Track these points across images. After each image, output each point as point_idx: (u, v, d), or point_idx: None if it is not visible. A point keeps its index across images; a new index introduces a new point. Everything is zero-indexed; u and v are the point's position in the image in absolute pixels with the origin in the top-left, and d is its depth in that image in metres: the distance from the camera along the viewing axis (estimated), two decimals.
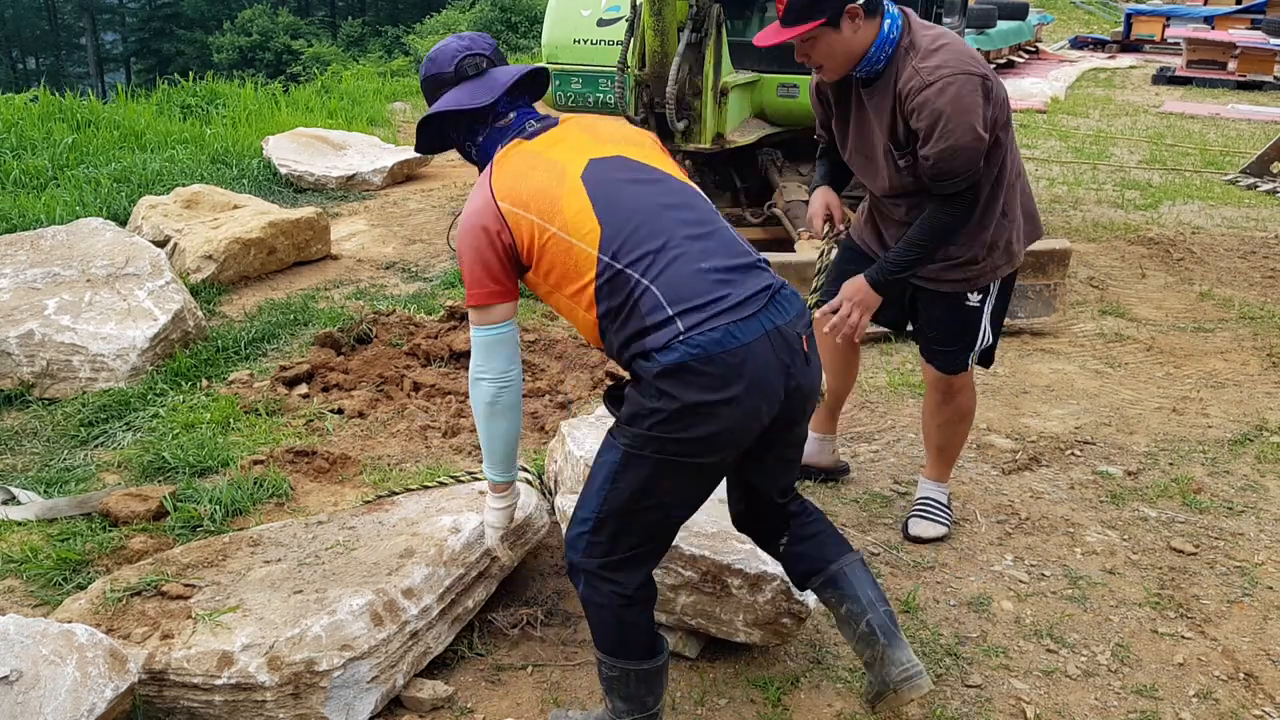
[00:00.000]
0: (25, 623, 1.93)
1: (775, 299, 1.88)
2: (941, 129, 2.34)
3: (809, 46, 2.40)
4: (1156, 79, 13.74)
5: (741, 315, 1.82)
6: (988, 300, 2.70)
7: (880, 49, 2.42)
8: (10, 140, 6.79)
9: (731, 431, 1.82)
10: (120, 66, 38.11)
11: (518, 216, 1.89)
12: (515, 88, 2.06)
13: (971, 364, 2.78)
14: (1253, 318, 4.81)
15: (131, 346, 3.78)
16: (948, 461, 2.96)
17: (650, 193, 1.92)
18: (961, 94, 2.34)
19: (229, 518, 2.90)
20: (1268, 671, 2.41)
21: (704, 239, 1.89)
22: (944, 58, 2.38)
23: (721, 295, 1.82)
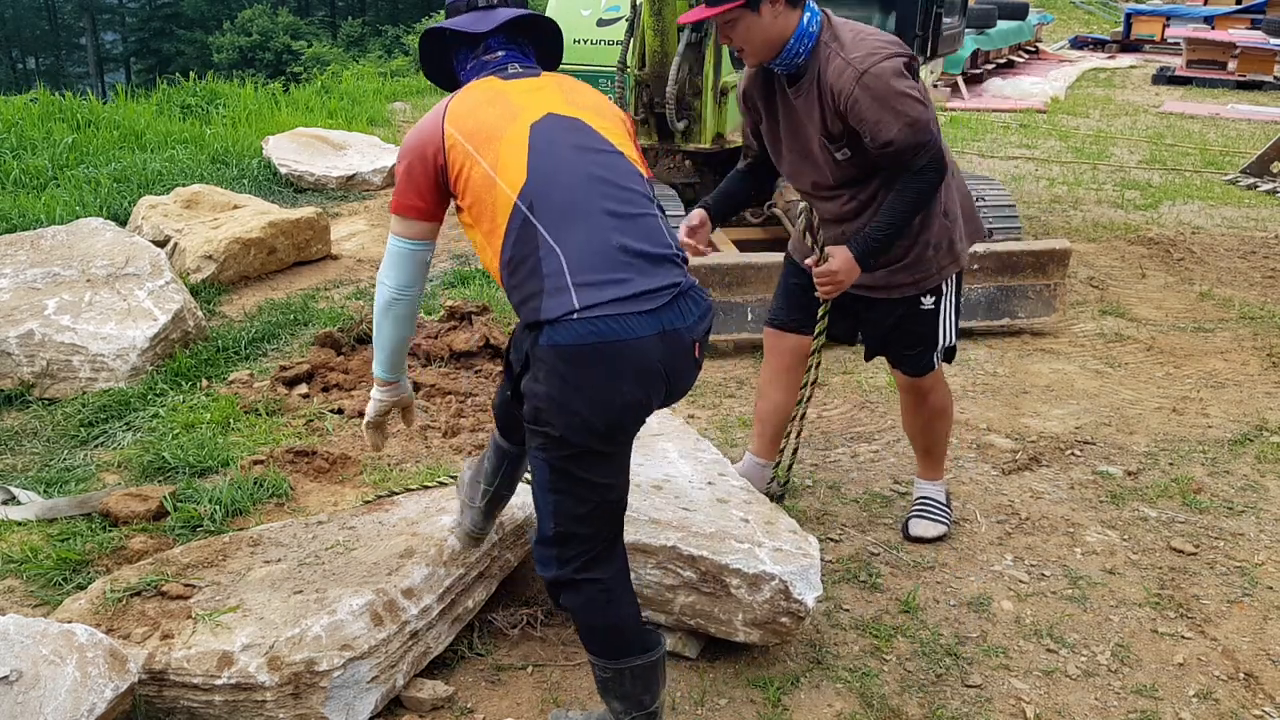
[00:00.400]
0: (25, 623, 1.93)
1: (680, 299, 1.89)
2: (892, 112, 2.36)
3: (729, 28, 2.43)
4: (1156, 79, 13.75)
5: (640, 308, 1.83)
6: (942, 302, 2.71)
7: (800, 40, 2.43)
8: (10, 140, 6.79)
9: (621, 422, 1.87)
10: (120, 66, 38.12)
11: (456, 143, 1.91)
12: (518, 31, 2.09)
13: (938, 363, 2.79)
14: (1253, 318, 4.81)
15: (131, 346, 3.78)
16: (937, 459, 2.97)
17: (590, 161, 1.93)
18: (897, 73, 2.38)
19: (229, 518, 2.90)
20: (1268, 671, 2.41)
21: (625, 219, 1.89)
22: (870, 46, 2.41)
23: (624, 279, 1.83)
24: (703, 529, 2.38)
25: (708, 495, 2.58)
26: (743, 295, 4.31)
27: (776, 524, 2.47)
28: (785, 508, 2.91)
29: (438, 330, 4.16)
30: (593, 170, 1.92)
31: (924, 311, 2.70)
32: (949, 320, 2.75)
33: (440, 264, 5.32)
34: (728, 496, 2.59)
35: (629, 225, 1.89)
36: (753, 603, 2.26)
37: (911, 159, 2.43)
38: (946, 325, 2.75)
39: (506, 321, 4.36)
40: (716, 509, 2.51)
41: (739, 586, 2.26)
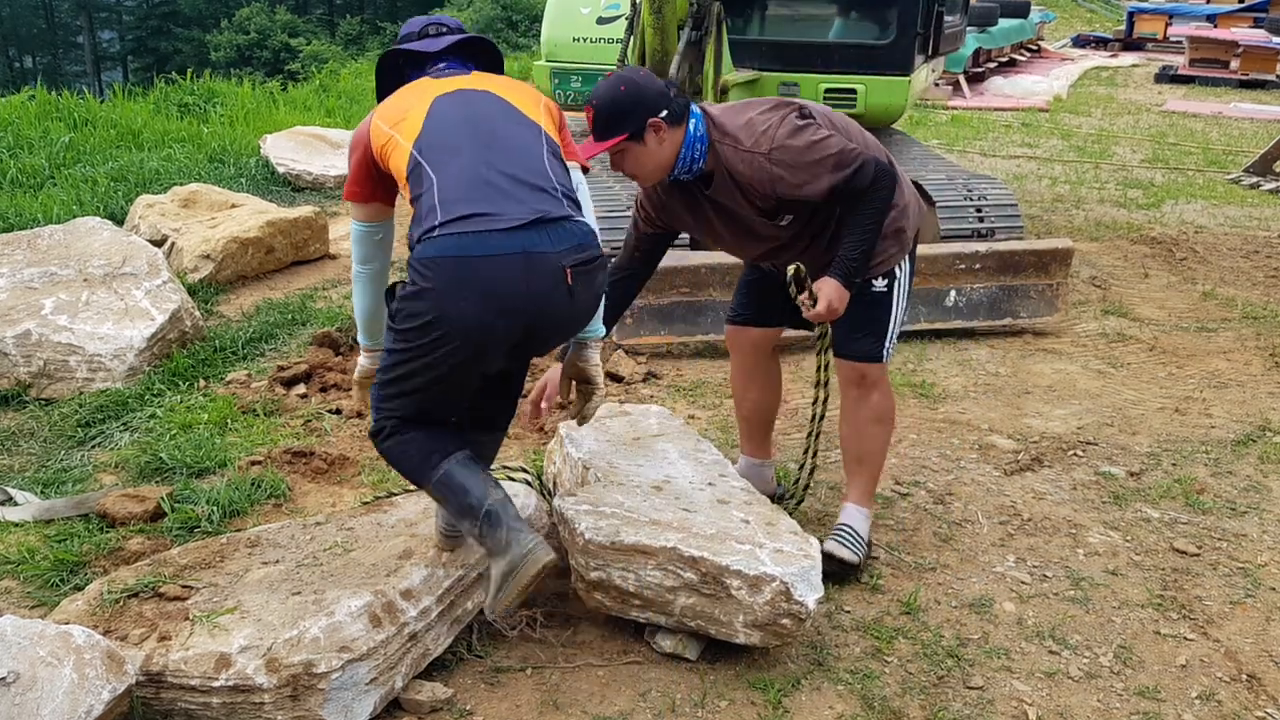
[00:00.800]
0: (22, 624, 1.92)
1: (544, 225, 2.00)
2: (815, 165, 2.40)
3: (619, 159, 2.45)
4: (1159, 78, 13.75)
5: (496, 227, 1.96)
6: (894, 285, 2.66)
7: (691, 148, 2.45)
8: (7, 139, 6.78)
9: (460, 332, 1.97)
10: (117, 65, 38.11)
11: (379, 129, 2.15)
12: (463, 52, 2.33)
13: (886, 356, 2.71)
14: (1256, 317, 4.80)
15: (129, 346, 3.77)
16: (870, 476, 2.77)
17: (482, 114, 2.13)
18: (795, 131, 2.41)
19: (227, 518, 2.88)
20: (1270, 673, 2.39)
21: (503, 152, 2.07)
22: (759, 124, 2.43)
23: (490, 200, 1.98)
24: (703, 530, 2.37)
25: (708, 496, 2.57)
26: None
27: (777, 525, 2.45)
28: (786, 509, 2.90)
29: None
30: (484, 121, 2.11)
31: (876, 294, 2.65)
32: (899, 308, 2.69)
33: None
34: (728, 497, 2.58)
35: (504, 157, 2.07)
36: (753, 604, 2.24)
37: (856, 186, 2.44)
38: (896, 313, 2.69)
39: None
40: (717, 510, 2.49)
41: (740, 588, 2.25)
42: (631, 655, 2.37)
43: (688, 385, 3.98)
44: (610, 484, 2.58)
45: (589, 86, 5.40)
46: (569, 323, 2.15)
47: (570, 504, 2.44)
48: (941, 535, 2.94)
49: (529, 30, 22.44)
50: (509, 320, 2.00)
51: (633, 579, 2.30)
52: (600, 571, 2.32)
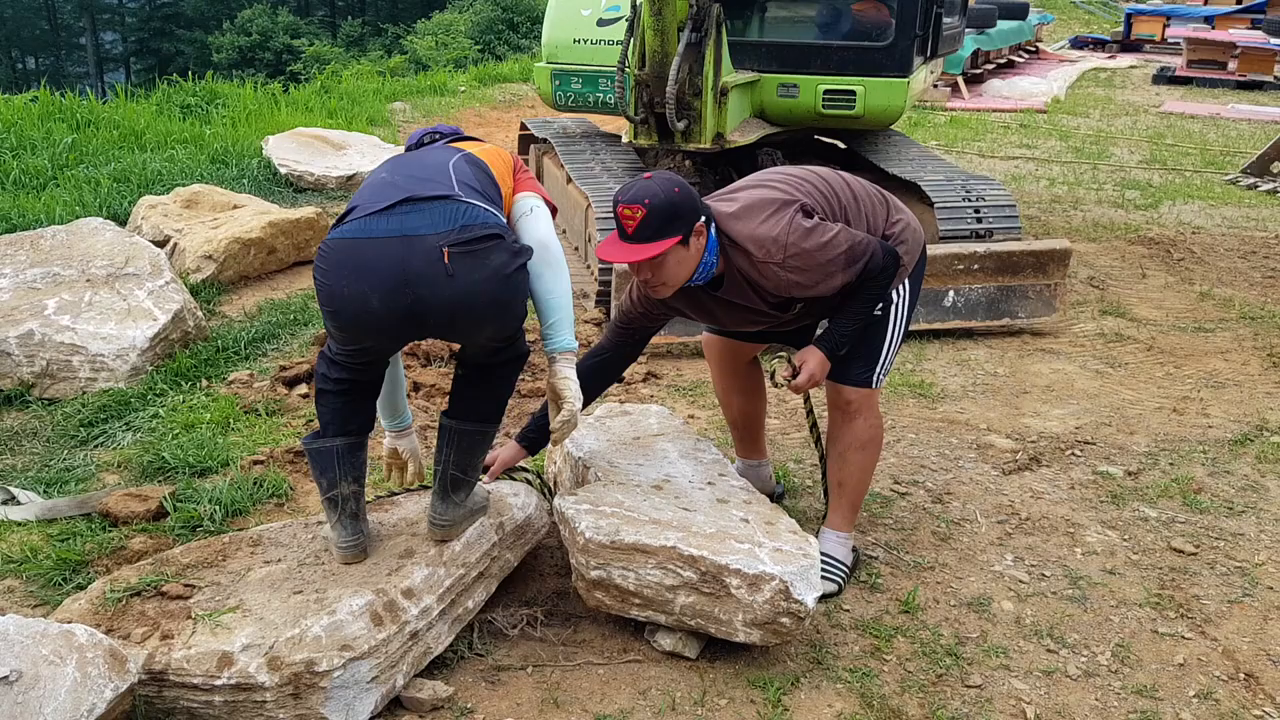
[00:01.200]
0: (25, 623, 1.93)
1: (417, 204, 2.10)
2: (828, 265, 2.40)
3: (657, 266, 2.34)
4: (1157, 79, 13.75)
5: (371, 210, 2.10)
6: (890, 309, 2.62)
7: (711, 253, 2.41)
8: (10, 140, 6.79)
9: (348, 311, 2.11)
10: (120, 66, 38.12)
11: None
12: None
13: (877, 383, 2.65)
14: (1253, 318, 4.81)
15: (131, 346, 3.78)
16: (850, 503, 2.71)
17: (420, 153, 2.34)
18: (805, 233, 2.39)
19: (229, 518, 2.90)
20: (1268, 672, 2.40)
21: (414, 165, 2.24)
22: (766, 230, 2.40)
23: (377, 197, 2.13)
24: (703, 529, 2.38)
25: (708, 495, 2.58)
26: None
27: (777, 524, 2.46)
28: (785, 508, 2.91)
29: None
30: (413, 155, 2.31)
31: (871, 318, 2.59)
32: (895, 334, 2.64)
33: None
34: (728, 497, 2.59)
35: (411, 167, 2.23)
36: (753, 603, 2.26)
37: (866, 277, 2.45)
38: (892, 339, 2.64)
39: None
40: (717, 509, 2.51)
41: (739, 587, 2.26)
42: (631, 654, 2.39)
43: (688, 385, 3.99)
44: (610, 483, 2.59)
45: (589, 88, 5.42)
46: (460, 303, 2.10)
47: (570, 503, 2.46)
48: (940, 534, 2.95)
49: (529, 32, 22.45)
50: (387, 300, 2.06)
51: (633, 578, 2.31)
52: (600, 570, 2.33)
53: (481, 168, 2.31)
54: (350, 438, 2.33)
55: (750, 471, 3.01)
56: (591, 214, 4.55)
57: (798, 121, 5.20)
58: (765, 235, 2.41)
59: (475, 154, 2.35)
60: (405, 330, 2.17)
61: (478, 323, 2.18)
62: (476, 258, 2.08)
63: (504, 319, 2.22)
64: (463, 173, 2.23)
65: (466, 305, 2.11)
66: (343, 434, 2.33)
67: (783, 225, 2.41)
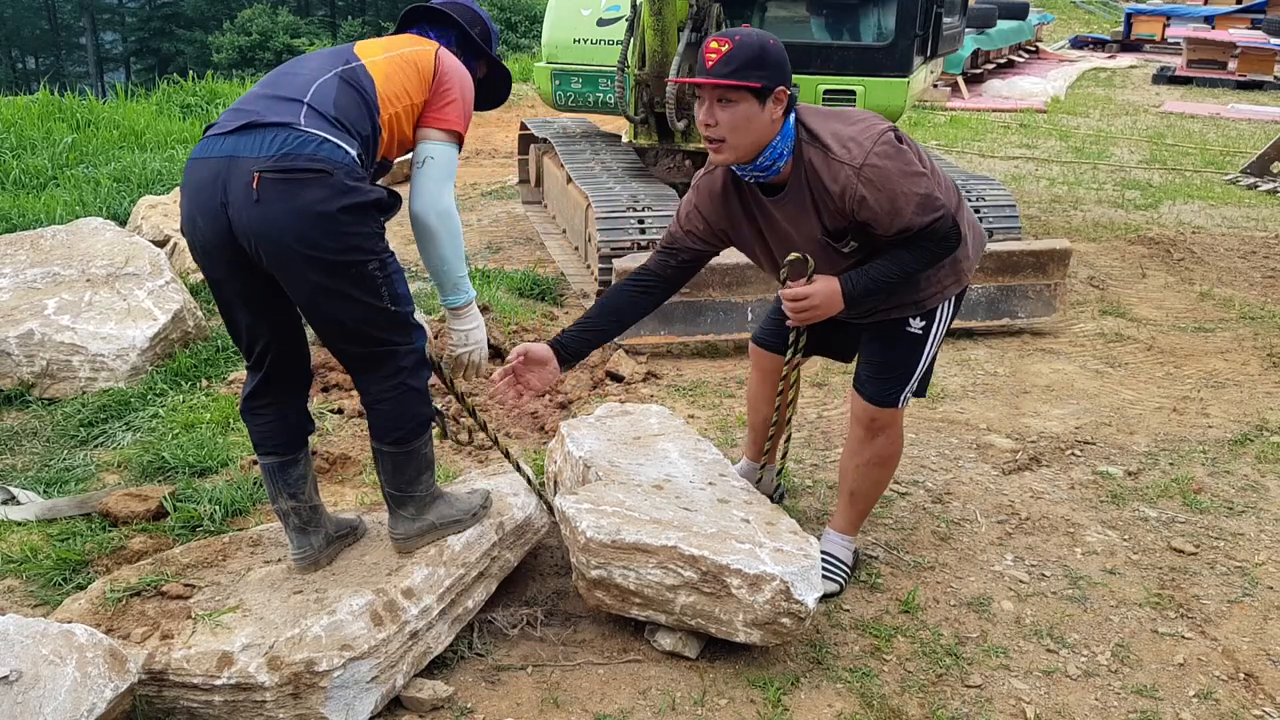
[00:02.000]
0: (25, 623, 1.93)
1: (254, 130, 2.00)
2: (902, 197, 2.21)
3: (725, 109, 2.19)
4: (1157, 79, 13.76)
5: (213, 133, 2.05)
6: (932, 327, 2.47)
7: (785, 140, 2.25)
8: (10, 140, 6.80)
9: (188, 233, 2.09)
10: (120, 66, 38.13)
11: None
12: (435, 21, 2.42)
13: (903, 403, 2.52)
14: (1253, 318, 4.81)
15: (131, 346, 3.78)
16: (858, 511, 2.67)
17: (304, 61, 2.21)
18: (892, 153, 2.22)
19: (229, 518, 2.90)
20: (1268, 672, 2.40)
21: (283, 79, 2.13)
22: (852, 134, 2.24)
23: (225, 124, 2.05)
24: (704, 529, 2.38)
25: (708, 495, 2.58)
26: (743, 295, 4.31)
27: (777, 524, 2.47)
28: (785, 508, 2.91)
29: (438, 330, 4.16)
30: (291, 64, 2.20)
31: (909, 335, 2.46)
32: (931, 354, 2.51)
33: None
34: (729, 497, 2.59)
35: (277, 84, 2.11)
36: (753, 603, 2.26)
37: (927, 234, 2.28)
38: (927, 359, 2.51)
39: (506, 320, 4.36)
40: (717, 509, 2.51)
41: (740, 587, 2.26)
42: (632, 653, 2.39)
43: (688, 385, 3.99)
44: (611, 483, 2.59)
45: (589, 88, 5.42)
46: (262, 234, 1.97)
47: (571, 502, 2.46)
48: (940, 534, 2.95)
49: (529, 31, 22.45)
50: (208, 221, 2.02)
51: (633, 577, 2.31)
52: (601, 570, 2.33)
53: (358, 91, 2.10)
54: (275, 457, 2.29)
55: (753, 473, 3.00)
56: (591, 214, 4.55)
57: None
58: (850, 135, 2.23)
59: (368, 68, 2.14)
60: (233, 259, 2.04)
61: (287, 264, 2.00)
62: (288, 186, 1.95)
63: (324, 273, 2.01)
64: (323, 97, 2.06)
65: (269, 237, 1.97)
66: (265, 454, 2.30)
67: (872, 134, 2.23)
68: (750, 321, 4.31)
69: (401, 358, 2.18)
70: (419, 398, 2.23)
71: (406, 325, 2.18)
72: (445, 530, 2.37)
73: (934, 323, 2.47)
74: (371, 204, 2.04)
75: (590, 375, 3.98)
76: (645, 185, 4.85)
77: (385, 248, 2.10)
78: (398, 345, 2.17)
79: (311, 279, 2.02)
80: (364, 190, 2.02)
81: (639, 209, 4.58)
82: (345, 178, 1.99)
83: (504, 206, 6.62)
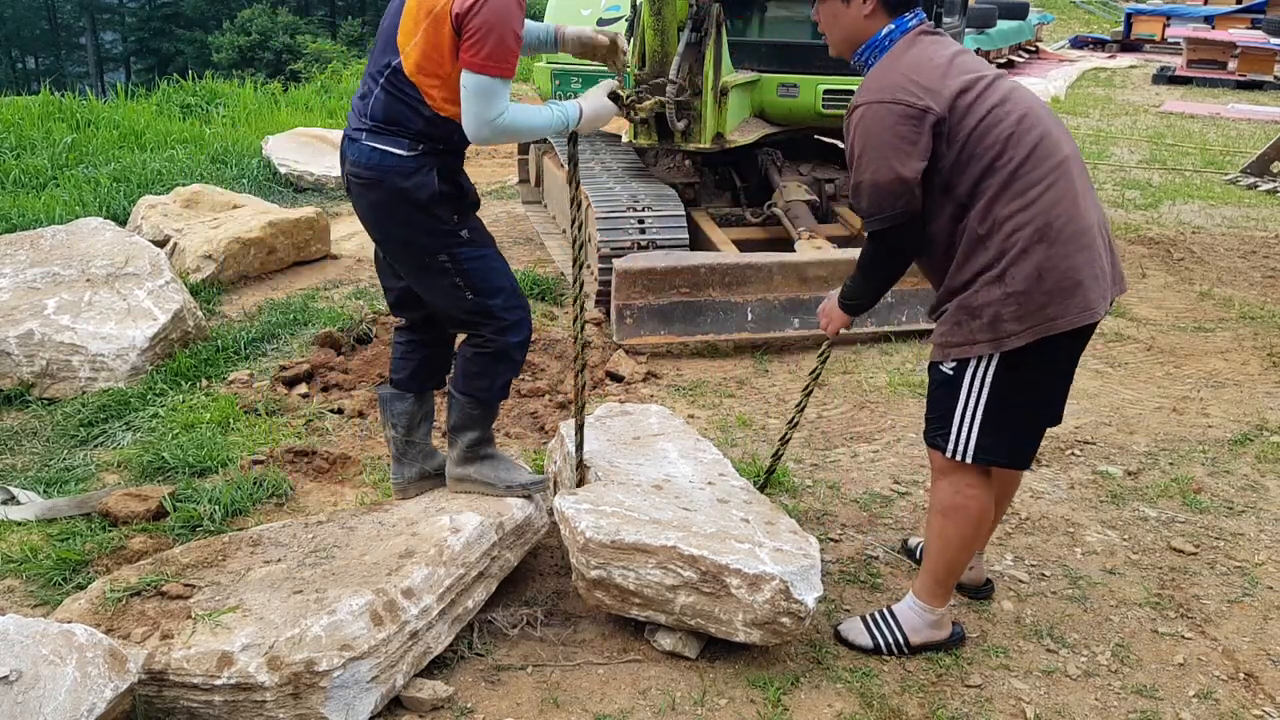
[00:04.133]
0: (25, 623, 1.93)
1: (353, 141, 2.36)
2: (856, 161, 2.17)
3: (819, 7, 2.28)
4: (1156, 78, 13.75)
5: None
6: (965, 375, 2.21)
7: (870, 50, 2.24)
8: (10, 140, 6.80)
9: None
10: (120, 66, 38.12)
11: None
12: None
13: (955, 455, 2.25)
14: (1253, 317, 4.81)
15: (131, 346, 3.78)
16: (928, 567, 2.37)
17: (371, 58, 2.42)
18: (873, 125, 2.12)
19: (229, 518, 2.90)
20: (1268, 671, 2.40)
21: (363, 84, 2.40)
22: (873, 80, 2.18)
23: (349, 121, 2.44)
24: (703, 529, 2.38)
25: (708, 495, 2.58)
26: (742, 295, 4.31)
27: (777, 524, 2.46)
28: (785, 508, 2.91)
29: None
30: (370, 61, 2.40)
31: (942, 374, 2.26)
32: (970, 408, 2.22)
33: None
34: (728, 497, 2.59)
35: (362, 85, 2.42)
36: (753, 603, 2.26)
37: (864, 218, 2.22)
38: (965, 412, 2.22)
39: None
40: (717, 509, 2.51)
41: (739, 586, 2.26)
42: (631, 653, 2.39)
43: (688, 385, 3.99)
44: (610, 483, 2.59)
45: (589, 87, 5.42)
46: (361, 221, 2.45)
47: (571, 502, 2.46)
48: None
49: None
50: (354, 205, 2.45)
51: (633, 577, 2.31)
52: (601, 570, 2.33)
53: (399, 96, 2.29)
54: (394, 389, 2.66)
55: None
56: (592, 214, 4.55)
57: (798, 121, 5.19)
58: (881, 79, 2.17)
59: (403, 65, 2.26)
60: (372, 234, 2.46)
61: (380, 247, 2.51)
62: (360, 189, 2.38)
63: (400, 260, 2.47)
64: (375, 107, 2.32)
65: (364, 225, 2.45)
66: (386, 381, 2.69)
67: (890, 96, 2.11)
68: (750, 321, 4.31)
69: (487, 341, 2.48)
70: (488, 379, 2.52)
71: (491, 315, 2.44)
72: (479, 486, 2.61)
73: (966, 370, 2.21)
74: (425, 201, 2.32)
75: (590, 375, 3.98)
76: (645, 185, 4.85)
77: (454, 242, 2.38)
78: (481, 328, 2.47)
79: (398, 262, 2.49)
80: (414, 189, 2.31)
81: (639, 209, 4.58)
82: (399, 180, 2.31)
83: (504, 206, 6.62)
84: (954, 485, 2.30)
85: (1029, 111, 2.17)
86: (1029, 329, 2.13)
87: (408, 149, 2.30)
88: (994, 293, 2.14)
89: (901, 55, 2.20)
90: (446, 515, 2.50)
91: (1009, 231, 2.12)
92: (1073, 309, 2.13)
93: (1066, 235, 2.12)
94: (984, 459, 2.25)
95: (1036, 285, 2.12)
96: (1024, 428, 2.27)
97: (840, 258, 4.41)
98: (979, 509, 2.30)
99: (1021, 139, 2.13)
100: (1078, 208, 2.15)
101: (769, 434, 3.58)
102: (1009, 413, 2.22)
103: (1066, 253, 2.12)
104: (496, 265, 2.45)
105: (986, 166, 2.13)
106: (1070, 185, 2.16)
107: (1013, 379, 2.19)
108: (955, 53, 2.23)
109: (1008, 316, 2.13)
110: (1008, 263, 2.13)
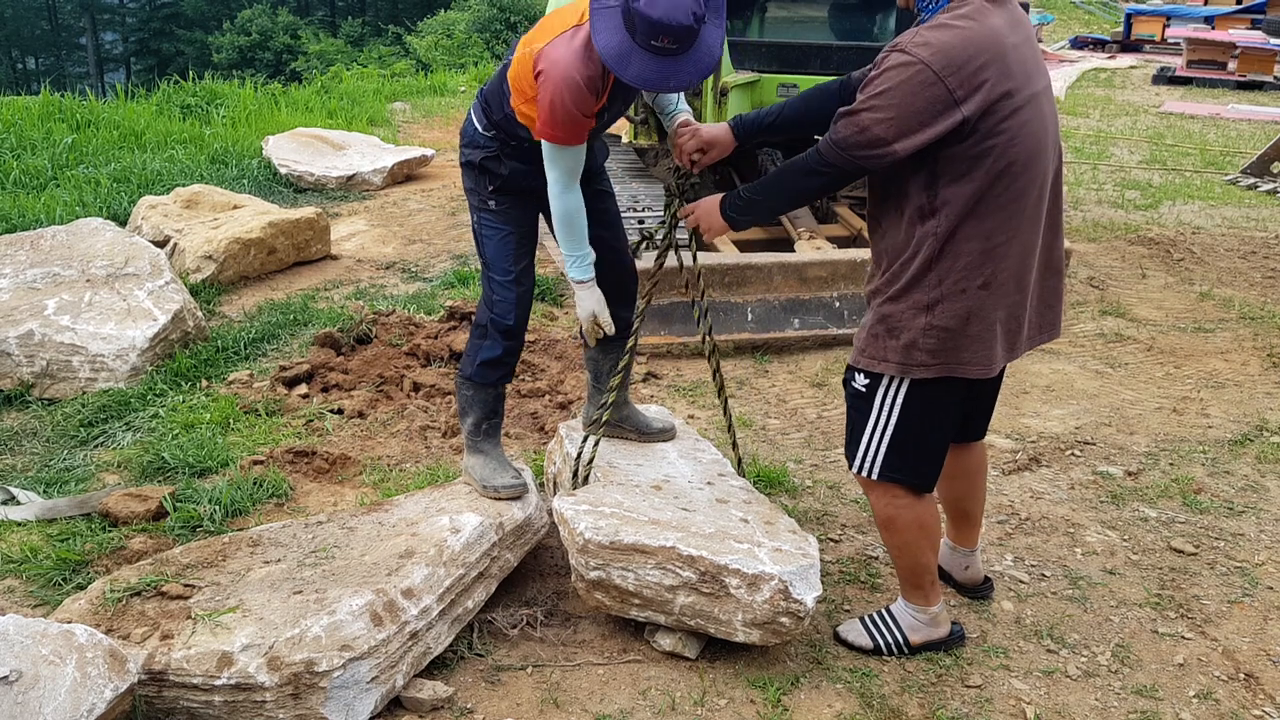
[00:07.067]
0: (25, 623, 1.93)
1: None
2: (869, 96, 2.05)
3: None
4: (1156, 79, 13.74)
5: None
6: (877, 396, 2.20)
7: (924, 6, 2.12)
8: (10, 140, 6.79)
9: None
10: (120, 66, 38.13)
11: None
12: None
13: (864, 472, 2.27)
14: (1253, 318, 4.81)
15: (131, 347, 3.78)
16: (901, 576, 2.41)
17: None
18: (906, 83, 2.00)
19: (229, 518, 2.90)
20: (1268, 672, 2.40)
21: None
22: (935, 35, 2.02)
23: None
24: (702, 529, 2.38)
25: (707, 495, 2.58)
26: (742, 295, 4.31)
27: (776, 524, 2.47)
28: (785, 508, 2.91)
29: (437, 330, 4.16)
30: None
31: (853, 390, 2.27)
32: (879, 427, 2.22)
33: (440, 264, 5.32)
34: (727, 497, 2.59)
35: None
36: (752, 603, 2.26)
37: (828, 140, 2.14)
38: (874, 430, 2.22)
39: None
40: (716, 509, 2.51)
41: (738, 587, 2.26)
42: (631, 654, 2.39)
43: (688, 385, 3.99)
44: (609, 483, 2.59)
45: None
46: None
47: (569, 503, 2.46)
48: None
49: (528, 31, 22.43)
50: None
51: (632, 578, 2.31)
52: (600, 571, 2.33)
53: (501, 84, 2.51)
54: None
55: (955, 559, 2.64)
56: None
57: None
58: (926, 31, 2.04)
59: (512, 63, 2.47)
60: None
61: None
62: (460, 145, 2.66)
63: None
64: (490, 84, 2.57)
65: None
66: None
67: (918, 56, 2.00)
68: (750, 321, 4.30)
69: (480, 312, 2.66)
70: (471, 355, 2.66)
71: (490, 284, 2.60)
72: (470, 480, 2.69)
73: (877, 393, 2.21)
74: (476, 164, 2.58)
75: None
76: (645, 185, 4.85)
77: (480, 205, 2.60)
78: (483, 295, 2.64)
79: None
80: (470, 152, 2.59)
81: (639, 209, 4.57)
82: (466, 145, 2.61)
83: None
84: (882, 499, 2.32)
85: (1039, 151, 2.11)
86: (939, 365, 2.15)
87: (484, 128, 2.57)
88: (919, 320, 2.13)
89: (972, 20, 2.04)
90: (446, 516, 2.51)
91: (961, 268, 2.09)
92: (980, 360, 2.15)
93: (1008, 287, 2.13)
94: (889, 477, 2.27)
95: (962, 327, 2.12)
96: (929, 450, 2.27)
97: (840, 258, 4.41)
98: (913, 517, 2.30)
99: (1017, 179, 2.08)
100: (1028, 261, 2.16)
101: (769, 434, 3.59)
102: (915, 435, 2.23)
103: (996, 303, 2.13)
104: (507, 245, 2.60)
105: (975, 190, 2.07)
106: (1034, 238, 2.16)
107: (923, 404, 2.20)
108: (1019, 42, 2.09)
109: (923, 348, 2.14)
110: (941, 295, 2.11)
